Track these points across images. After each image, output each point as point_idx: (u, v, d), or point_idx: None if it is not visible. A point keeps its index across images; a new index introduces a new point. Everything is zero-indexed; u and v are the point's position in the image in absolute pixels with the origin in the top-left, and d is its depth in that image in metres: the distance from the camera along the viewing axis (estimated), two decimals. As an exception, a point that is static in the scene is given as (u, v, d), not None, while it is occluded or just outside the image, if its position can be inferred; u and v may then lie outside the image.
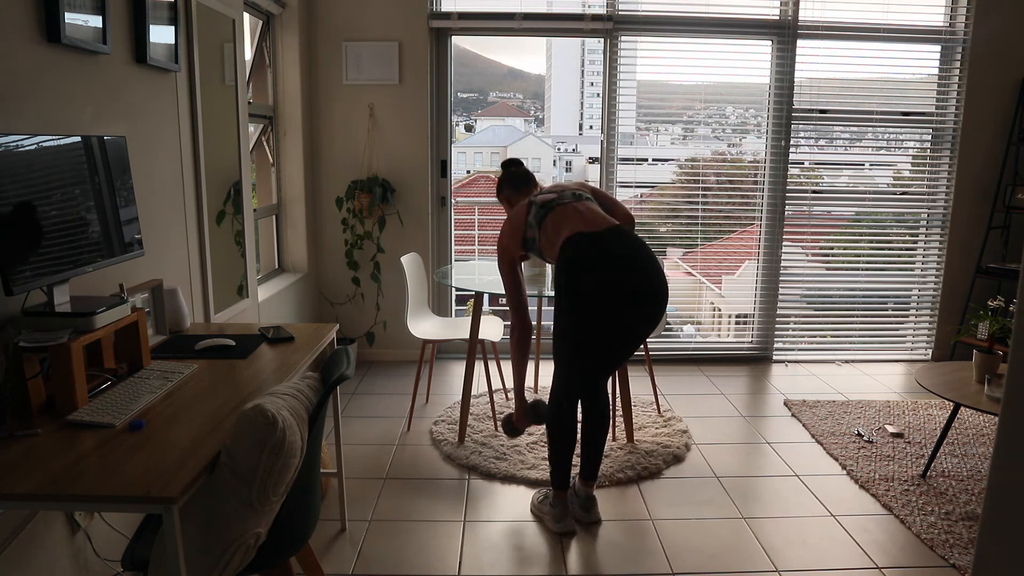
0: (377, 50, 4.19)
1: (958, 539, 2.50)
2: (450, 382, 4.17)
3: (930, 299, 4.74)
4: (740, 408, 3.81)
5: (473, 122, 34.68)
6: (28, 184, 1.66)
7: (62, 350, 1.64)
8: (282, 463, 1.46)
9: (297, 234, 4.26)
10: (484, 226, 5.52)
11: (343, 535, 2.51)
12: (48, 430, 1.58)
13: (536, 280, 3.35)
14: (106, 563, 2.09)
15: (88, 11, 2.07)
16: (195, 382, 1.92)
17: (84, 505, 1.61)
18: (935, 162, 4.61)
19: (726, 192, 4.71)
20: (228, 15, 3.09)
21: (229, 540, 1.45)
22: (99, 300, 1.86)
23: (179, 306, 2.39)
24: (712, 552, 2.44)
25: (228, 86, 3.15)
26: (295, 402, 1.56)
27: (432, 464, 3.10)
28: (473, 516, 2.66)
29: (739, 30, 4.35)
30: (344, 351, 1.82)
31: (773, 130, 4.44)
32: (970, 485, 2.90)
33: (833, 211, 4.87)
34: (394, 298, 4.43)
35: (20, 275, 1.60)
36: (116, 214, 1.99)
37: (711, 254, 4.87)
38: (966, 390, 2.86)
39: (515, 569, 2.34)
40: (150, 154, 2.48)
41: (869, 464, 3.09)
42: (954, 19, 4.40)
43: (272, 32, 4.02)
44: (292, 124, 4.11)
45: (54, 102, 1.97)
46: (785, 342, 4.74)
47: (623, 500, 2.79)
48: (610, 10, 4.26)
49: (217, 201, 3.04)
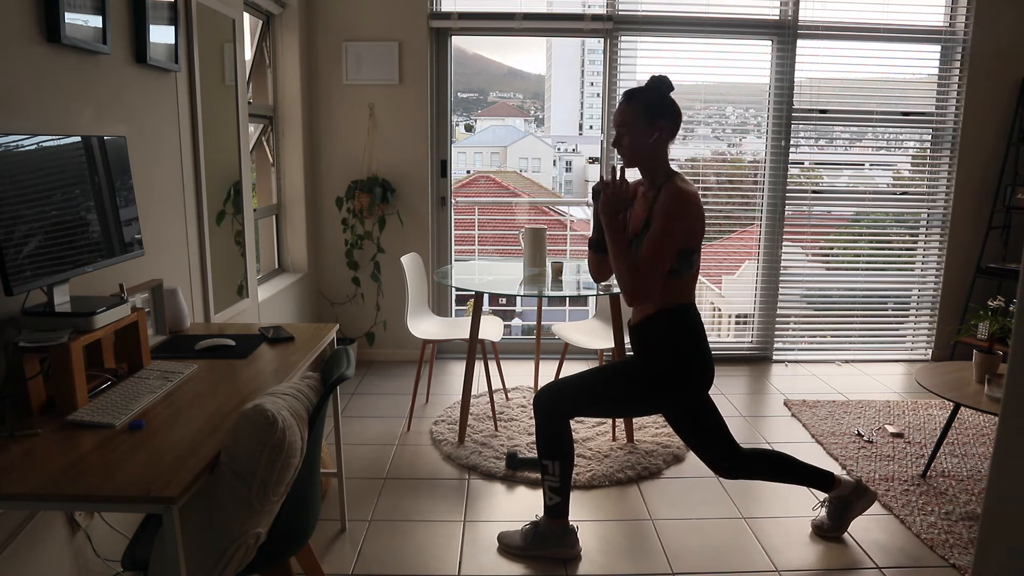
0: (377, 50, 4.19)
1: (958, 539, 2.50)
2: (450, 382, 4.17)
3: (930, 299, 4.74)
4: (740, 408, 3.81)
5: (473, 122, 34.68)
6: (28, 184, 1.66)
7: (62, 350, 1.64)
8: (282, 463, 1.46)
9: (297, 234, 4.26)
10: (484, 226, 5.52)
11: (343, 535, 2.51)
12: (48, 430, 1.58)
13: (536, 280, 3.35)
14: (106, 563, 2.09)
15: (88, 11, 2.07)
16: (195, 382, 1.92)
17: (84, 505, 1.61)
18: (935, 162, 4.61)
19: (726, 192, 4.71)
20: (228, 15, 3.09)
21: (229, 540, 1.45)
22: (99, 300, 1.86)
23: (179, 306, 2.39)
24: (712, 552, 2.44)
25: (228, 86, 3.15)
26: (295, 402, 1.56)
27: (432, 464, 3.10)
28: (473, 516, 2.66)
29: (739, 30, 4.35)
30: (344, 351, 1.82)
31: (773, 130, 4.44)
32: (970, 485, 2.90)
33: (833, 211, 4.87)
34: (394, 298, 4.43)
35: (20, 275, 1.60)
36: (116, 214, 1.99)
37: (711, 254, 4.87)
38: (966, 390, 2.86)
39: (515, 569, 2.34)
40: (150, 154, 2.48)
41: (869, 464, 3.09)
42: (954, 19, 4.40)
43: (272, 32, 4.02)
44: (292, 124, 4.11)
45: (54, 102, 1.97)
46: (785, 342, 4.73)
47: (623, 500, 2.79)
48: (610, 10, 4.26)
49: (217, 201, 3.04)
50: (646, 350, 2.29)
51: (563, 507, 2.38)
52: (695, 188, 2.21)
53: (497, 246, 8.36)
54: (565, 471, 2.35)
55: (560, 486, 2.36)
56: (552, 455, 2.34)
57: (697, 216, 2.18)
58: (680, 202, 2.13)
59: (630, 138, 2.22)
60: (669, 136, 2.23)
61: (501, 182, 16.06)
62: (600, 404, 2.37)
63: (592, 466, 3.01)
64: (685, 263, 2.18)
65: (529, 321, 7.61)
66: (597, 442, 3.25)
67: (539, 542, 2.38)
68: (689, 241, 2.17)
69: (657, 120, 2.20)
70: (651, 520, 2.64)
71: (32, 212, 1.66)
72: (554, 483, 2.35)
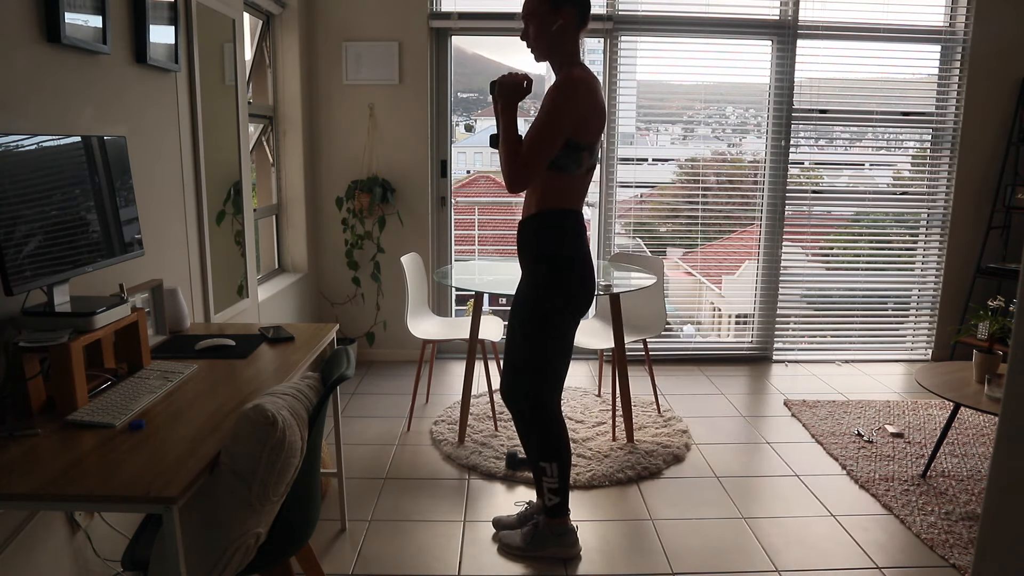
0: (377, 50, 4.19)
1: (958, 539, 2.50)
2: (450, 382, 4.17)
3: (930, 299, 4.74)
4: (740, 408, 3.81)
5: (473, 122, 34.61)
6: (28, 184, 1.66)
7: (62, 350, 1.64)
8: (282, 463, 1.46)
9: (297, 234, 4.26)
10: (484, 226, 5.52)
11: (343, 535, 2.51)
12: (48, 430, 1.58)
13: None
14: (106, 563, 2.09)
15: (88, 11, 2.06)
16: (195, 382, 1.92)
17: (84, 505, 1.61)
18: (935, 162, 4.61)
19: (726, 192, 4.71)
20: (228, 15, 3.09)
21: (229, 540, 1.45)
22: (99, 300, 1.86)
23: (179, 306, 2.39)
24: (712, 552, 2.44)
25: (228, 86, 3.15)
26: (295, 402, 1.56)
27: (432, 464, 3.10)
28: (473, 516, 2.66)
29: (739, 30, 4.35)
30: (344, 351, 1.82)
31: (773, 130, 4.44)
32: (970, 485, 2.90)
33: (833, 211, 4.87)
34: (394, 298, 4.43)
35: (20, 275, 1.60)
36: (116, 214, 1.99)
37: (711, 254, 4.87)
38: (966, 390, 2.86)
39: (515, 569, 2.34)
40: (150, 154, 2.48)
41: (869, 464, 3.09)
42: (954, 19, 4.40)
43: (272, 32, 4.02)
44: (292, 124, 4.11)
45: (54, 102, 1.97)
46: (785, 342, 4.73)
47: (623, 500, 2.79)
48: (610, 10, 4.26)
49: (217, 201, 3.04)
50: (522, 252, 2.25)
51: (562, 507, 2.38)
52: (592, 76, 2.13)
53: (497, 246, 8.36)
54: (563, 471, 2.34)
55: (559, 486, 2.35)
56: (548, 456, 2.33)
57: (587, 105, 2.08)
58: (566, 88, 2.07)
59: (534, 27, 2.16)
60: (576, 26, 2.15)
61: (501, 182, 16.04)
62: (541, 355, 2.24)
63: (592, 466, 3.01)
64: (572, 158, 2.10)
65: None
66: (597, 442, 3.25)
67: (539, 543, 2.38)
68: (577, 133, 2.08)
69: (561, 6, 2.12)
70: (651, 520, 2.64)
71: (32, 212, 1.66)
72: (552, 484, 2.35)
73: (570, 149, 2.10)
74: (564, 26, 2.13)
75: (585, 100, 2.10)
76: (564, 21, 2.13)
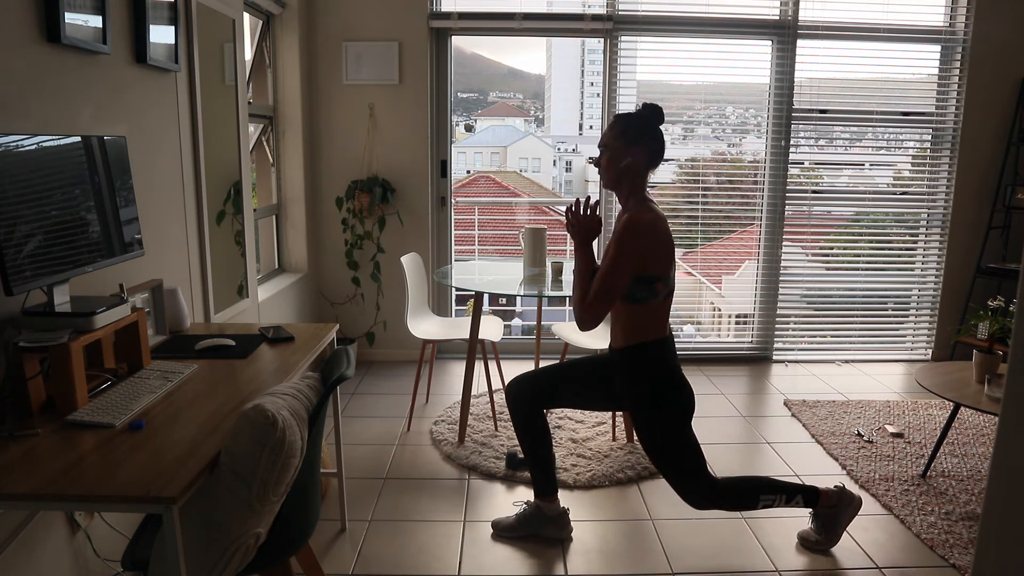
0: (377, 50, 4.19)
1: (958, 539, 2.50)
2: (450, 382, 4.17)
3: (930, 299, 4.74)
4: (740, 408, 3.81)
5: (473, 122, 34.67)
6: (28, 184, 1.66)
7: (62, 350, 1.64)
8: (282, 463, 1.46)
9: (297, 234, 4.26)
10: (484, 226, 5.52)
11: (343, 535, 2.51)
12: (48, 430, 1.58)
13: (536, 280, 3.35)
14: (106, 563, 2.09)
15: (88, 11, 2.06)
16: (195, 382, 1.92)
17: (84, 505, 1.61)
18: (935, 162, 4.61)
19: (726, 192, 4.71)
20: (228, 15, 3.09)
21: (229, 540, 1.45)
22: (99, 300, 1.86)
23: (179, 306, 2.39)
24: (712, 552, 2.44)
25: (228, 86, 3.15)
26: (295, 402, 1.56)
27: (432, 464, 3.10)
28: (473, 516, 2.66)
29: (739, 30, 4.35)
30: (344, 351, 1.82)
31: (773, 130, 4.44)
32: (970, 485, 2.90)
33: (833, 211, 4.87)
34: (394, 298, 4.43)
35: (20, 275, 1.60)
36: (116, 214, 1.99)
37: (711, 254, 4.87)
38: (966, 390, 2.86)
39: (515, 569, 2.34)
40: (150, 154, 2.48)
41: (869, 464, 3.09)
42: (954, 19, 4.40)
43: (272, 32, 4.02)
44: (292, 124, 4.11)
45: (54, 102, 1.97)
46: (785, 342, 4.73)
47: (623, 500, 2.79)
48: (610, 10, 4.26)
49: (217, 201, 3.04)
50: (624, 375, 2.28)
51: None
52: (659, 214, 2.18)
53: (497, 246, 8.37)
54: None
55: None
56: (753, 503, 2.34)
57: (656, 241, 2.14)
58: (632, 227, 2.12)
59: (606, 159, 2.25)
60: (644, 165, 2.22)
61: (501, 182, 16.05)
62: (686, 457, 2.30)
63: (592, 466, 3.01)
64: (646, 290, 2.15)
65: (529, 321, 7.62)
66: (597, 442, 3.25)
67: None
68: (647, 267, 2.13)
69: (632, 146, 2.19)
70: (651, 520, 2.64)
71: (32, 212, 1.66)
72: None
73: (641, 282, 2.15)
74: (633, 164, 2.20)
75: (655, 239, 2.15)
76: (632, 160, 2.19)
